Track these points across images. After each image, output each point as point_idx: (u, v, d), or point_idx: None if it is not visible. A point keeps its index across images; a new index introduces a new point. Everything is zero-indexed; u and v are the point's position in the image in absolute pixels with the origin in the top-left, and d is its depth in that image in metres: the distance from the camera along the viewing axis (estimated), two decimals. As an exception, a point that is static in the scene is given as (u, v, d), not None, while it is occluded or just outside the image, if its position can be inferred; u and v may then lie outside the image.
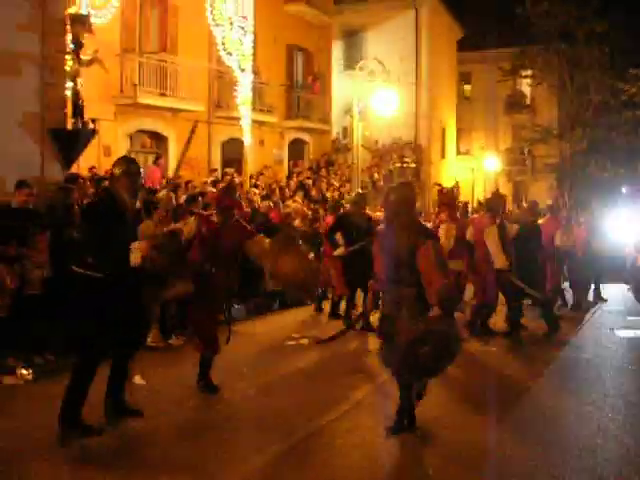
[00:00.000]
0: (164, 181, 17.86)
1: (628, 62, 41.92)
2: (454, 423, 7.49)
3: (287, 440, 6.79)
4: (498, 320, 12.68)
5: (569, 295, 16.61)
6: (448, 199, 13.41)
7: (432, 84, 39.03)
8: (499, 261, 11.51)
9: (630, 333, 13.20)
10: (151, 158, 21.09)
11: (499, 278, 11.80)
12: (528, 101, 50.75)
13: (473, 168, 45.11)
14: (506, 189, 49.76)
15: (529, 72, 47.58)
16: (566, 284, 16.92)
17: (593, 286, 17.58)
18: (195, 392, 8.36)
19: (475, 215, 15.11)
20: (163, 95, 21.31)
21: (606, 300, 17.51)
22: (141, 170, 7.75)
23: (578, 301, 16.34)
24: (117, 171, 7.14)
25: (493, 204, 12.60)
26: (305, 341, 11.33)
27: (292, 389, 8.73)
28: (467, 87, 51.47)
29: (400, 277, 6.92)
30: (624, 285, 15.02)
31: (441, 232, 12.20)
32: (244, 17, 19.94)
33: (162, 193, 13.59)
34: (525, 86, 50.03)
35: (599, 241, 16.95)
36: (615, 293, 17.68)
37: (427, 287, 6.70)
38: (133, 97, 20.54)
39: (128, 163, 7.29)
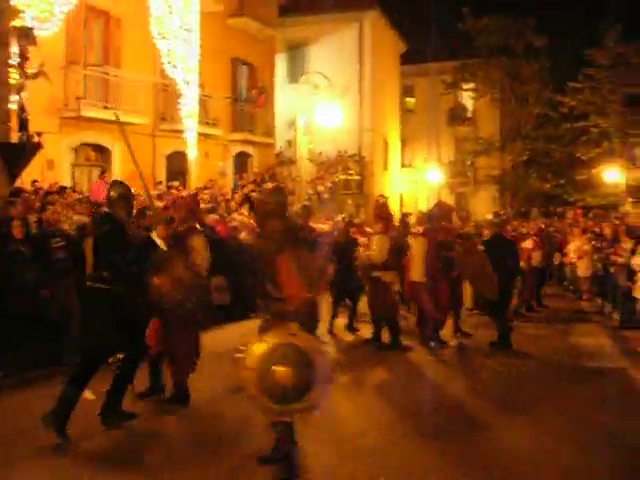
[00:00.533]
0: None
1: (567, 76, 42.91)
2: (380, 434, 7.62)
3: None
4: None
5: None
6: (381, 211, 13.51)
7: (376, 97, 39.31)
8: (416, 274, 11.91)
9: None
10: (95, 171, 20.97)
11: (414, 289, 12.16)
12: (470, 114, 51.48)
13: (416, 180, 45.55)
14: (449, 200, 50.20)
15: (471, 85, 48.45)
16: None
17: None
18: (150, 404, 8.40)
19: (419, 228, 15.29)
20: (107, 108, 21.17)
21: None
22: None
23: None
24: (114, 194, 7.80)
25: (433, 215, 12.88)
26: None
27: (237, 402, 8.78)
28: (410, 100, 51.98)
29: (266, 290, 6.46)
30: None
31: (374, 244, 12.44)
32: (189, 30, 19.96)
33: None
34: (467, 99, 50.79)
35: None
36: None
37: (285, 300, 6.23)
38: (77, 110, 20.39)
39: (123, 186, 8.00)
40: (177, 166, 24.80)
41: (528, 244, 17.39)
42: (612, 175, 36.72)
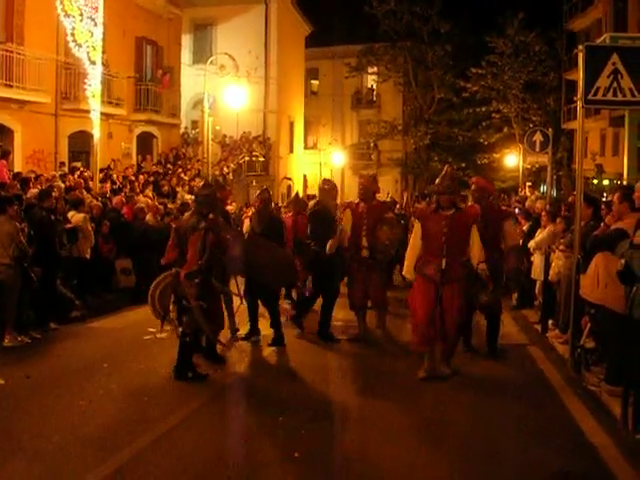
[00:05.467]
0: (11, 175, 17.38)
1: (470, 61, 43.78)
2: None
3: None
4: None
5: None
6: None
7: (281, 79, 39.41)
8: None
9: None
10: (-3, 152, 20.45)
11: None
12: (374, 97, 52.01)
13: (320, 162, 45.84)
14: (352, 183, 50.89)
15: (375, 69, 48.94)
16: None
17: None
18: (61, 387, 8.36)
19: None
20: (9, 86, 20.66)
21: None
22: None
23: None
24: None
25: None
26: (162, 335, 11.38)
27: (151, 385, 8.82)
28: (315, 82, 52.23)
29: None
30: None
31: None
32: (94, 8, 19.59)
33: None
34: (372, 82, 51.29)
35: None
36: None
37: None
38: (-23, 88, 19.90)
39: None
40: (80, 146, 24.44)
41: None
42: (512, 160, 37.69)
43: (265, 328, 11.15)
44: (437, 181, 9.29)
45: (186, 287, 8.64)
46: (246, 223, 14.23)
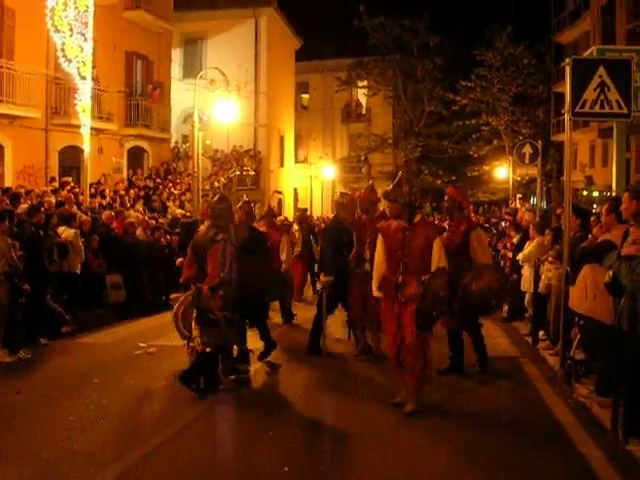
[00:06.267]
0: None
1: (459, 74, 43.97)
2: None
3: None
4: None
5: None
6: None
7: (271, 93, 39.51)
8: None
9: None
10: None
11: None
12: (364, 111, 52.15)
13: (311, 176, 45.92)
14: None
15: (365, 83, 49.10)
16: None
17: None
18: (52, 402, 8.34)
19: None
20: (-1, 101, 20.69)
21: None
22: None
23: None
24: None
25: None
26: (153, 350, 11.38)
27: (142, 400, 8.81)
28: (305, 96, 52.39)
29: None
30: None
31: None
32: (84, 23, 19.64)
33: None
34: (362, 96, 51.46)
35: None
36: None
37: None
38: (-34, 103, 19.89)
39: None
40: (70, 161, 24.40)
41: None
42: (502, 172, 37.82)
43: (255, 342, 10.96)
44: (389, 187, 8.58)
45: (211, 300, 8.55)
46: None
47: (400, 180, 8.34)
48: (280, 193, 38.07)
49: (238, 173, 34.60)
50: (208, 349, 8.68)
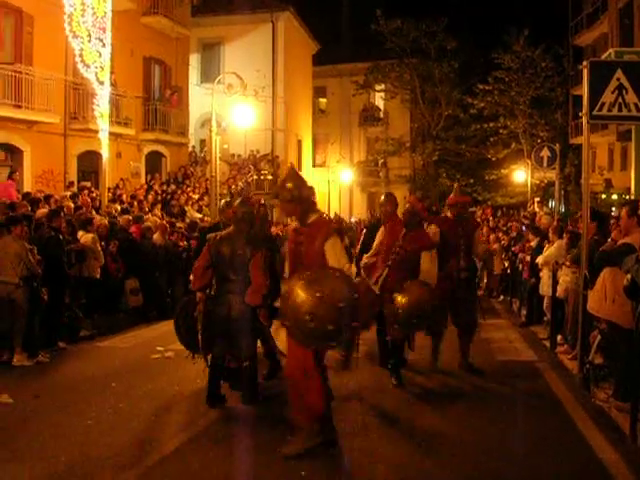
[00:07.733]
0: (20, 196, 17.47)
1: (476, 78, 43.86)
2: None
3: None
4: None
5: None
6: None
7: (288, 97, 39.53)
8: None
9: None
10: (5, 172, 20.55)
11: None
12: (382, 114, 52.06)
13: (329, 180, 45.91)
14: (361, 200, 51.04)
15: (382, 86, 49.02)
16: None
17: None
18: (70, 406, 8.37)
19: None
20: (17, 107, 20.78)
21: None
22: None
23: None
24: None
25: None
26: (170, 354, 11.40)
27: (159, 404, 8.81)
28: (323, 100, 52.38)
29: None
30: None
31: None
32: (102, 29, 19.76)
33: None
34: (379, 100, 51.37)
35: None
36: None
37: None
38: (-14, 108, 20.00)
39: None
40: (89, 166, 24.55)
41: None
42: (520, 175, 37.70)
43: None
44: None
45: (259, 310, 8.05)
46: None
47: (288, 174, 7.37)
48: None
49: (256, 177, 34.65)
50: (245, 363, 8.34)
